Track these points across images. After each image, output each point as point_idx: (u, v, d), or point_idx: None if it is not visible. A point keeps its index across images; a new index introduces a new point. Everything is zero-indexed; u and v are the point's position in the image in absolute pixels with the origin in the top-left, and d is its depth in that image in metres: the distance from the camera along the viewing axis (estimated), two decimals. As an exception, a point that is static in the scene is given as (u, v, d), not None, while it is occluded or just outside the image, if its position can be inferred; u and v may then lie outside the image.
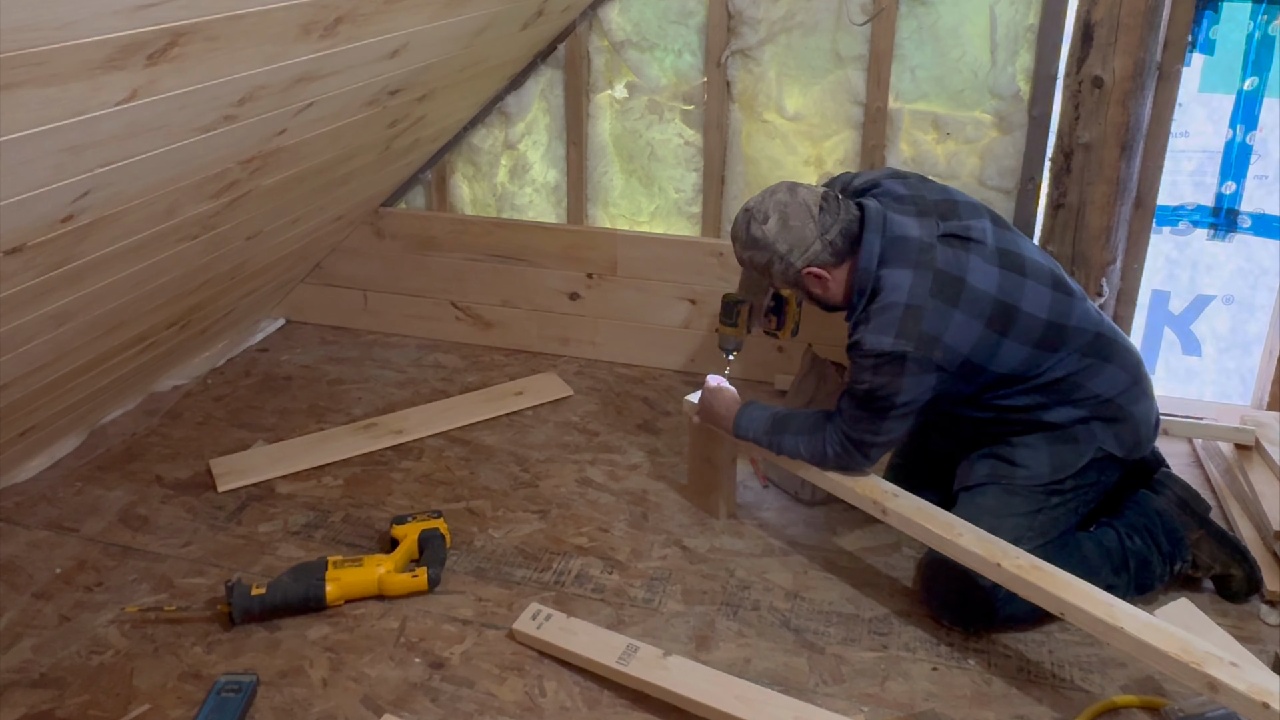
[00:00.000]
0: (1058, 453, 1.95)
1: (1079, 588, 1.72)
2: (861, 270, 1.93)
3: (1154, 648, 1.59)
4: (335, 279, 3.27)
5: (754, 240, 1.97)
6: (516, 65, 2.84)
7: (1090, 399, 1.94)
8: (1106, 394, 1.95)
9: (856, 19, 2.59)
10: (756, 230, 1.96)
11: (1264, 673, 1.76)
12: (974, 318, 1.86)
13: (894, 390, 1.86)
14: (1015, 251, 1.94)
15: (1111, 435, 1.96)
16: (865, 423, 1.93)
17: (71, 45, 1.22)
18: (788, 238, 1.94)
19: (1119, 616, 1.64)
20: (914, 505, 1.93)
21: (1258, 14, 2.40)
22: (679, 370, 3.04)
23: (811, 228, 1.93)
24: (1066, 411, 1.95)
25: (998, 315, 1.87)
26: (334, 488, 2.46)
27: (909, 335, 1.84)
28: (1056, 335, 1.91)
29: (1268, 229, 2.59)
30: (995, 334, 1.87)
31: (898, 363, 1.84)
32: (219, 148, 1.80)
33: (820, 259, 1.94)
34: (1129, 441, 1.98)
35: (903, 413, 1.90)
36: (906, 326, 1.84)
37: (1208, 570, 2.04)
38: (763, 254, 1.97)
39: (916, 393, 1.87)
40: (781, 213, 1.95)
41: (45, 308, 1.83)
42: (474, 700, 1.82)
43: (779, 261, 1.96)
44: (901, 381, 1.85)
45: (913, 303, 1.85)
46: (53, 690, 1.84)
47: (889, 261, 1.90)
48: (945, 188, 2.06)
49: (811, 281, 1.98)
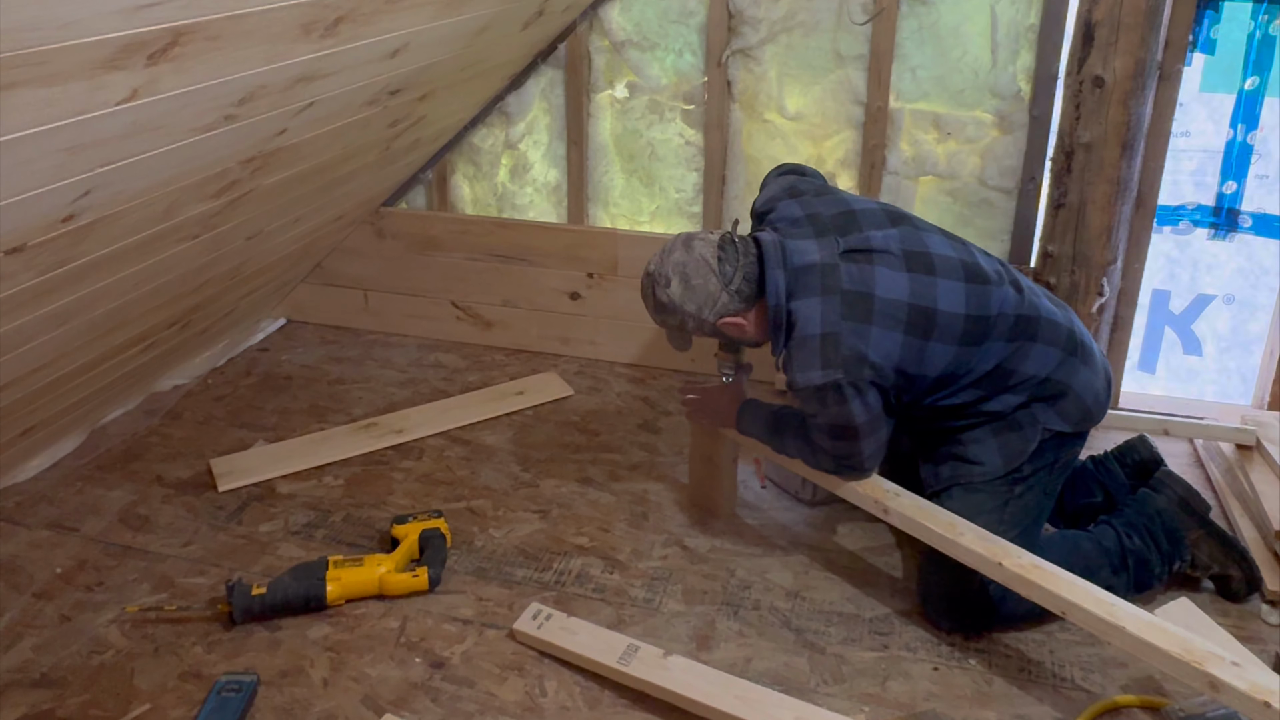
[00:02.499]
0: (1006, 443, 1.95)
1: (1080, 587, 1.71)
2: (773, 308, 1.91)
3: (1155, 647, 1.59)
4: (336, 279, 3.27)
5: (661, 305, 1.98)
6: (517, 65, 2.84)
7: (1025, 382, 1.93)
8: (1040, 373, 1.94)
9: (857, 18, 2.59)
10: (662, 295, 1.96)
11: (1265, 672, 1.76)
12: (891, 329, 1.84)
13: (847, 416, 1.86)
14: (922, 252, 1.91)
15: (1054, 413, 1.95)
16: (843, 448, 1.93)
17: (72, 45, 1.22)
18: (694, 298, 1.93)
19: (1120, 616, 1.64)
20: (915, 504, 1.93)
21: (1258, 13, 2.40)
22: (679, 370, 3.04)
23: (714, 281, 1.92)
24: (1007, 399, 1.94)
25: (915, 321, 1.86)
26: (335, 487, 2.46)
27: (833, 363, 1.82)
28: (979, 327, 1.90)
29: (1268, 229, 2.59)
30: (918, 339, 1.86)
31: (836, 391, 1.84)
32: (219, 147, 1.80)
33: (730, 309, 1.94)
34: (1074, 415, 1.96)
35: (870, 429, 1.89)
36: (828, 355, 1.83)
37: (1206, 570, 2.04)
38: (674, 317, 1.98)
39: (869, 411, 1.86)
40: (682, 273, 1.94)
41: (45, 307, 1.83)
42: (474, 700, 1.82)
43: (692, 320, 1.96)
44: (849, 407, 1.84)
45: (827, 330, 1.83)
46: (53, 690, 1.84)
47: (796, 293, 1.88)
48: (842, 198, 2.02)
49: (730, 329, 1.98)
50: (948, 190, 2.72)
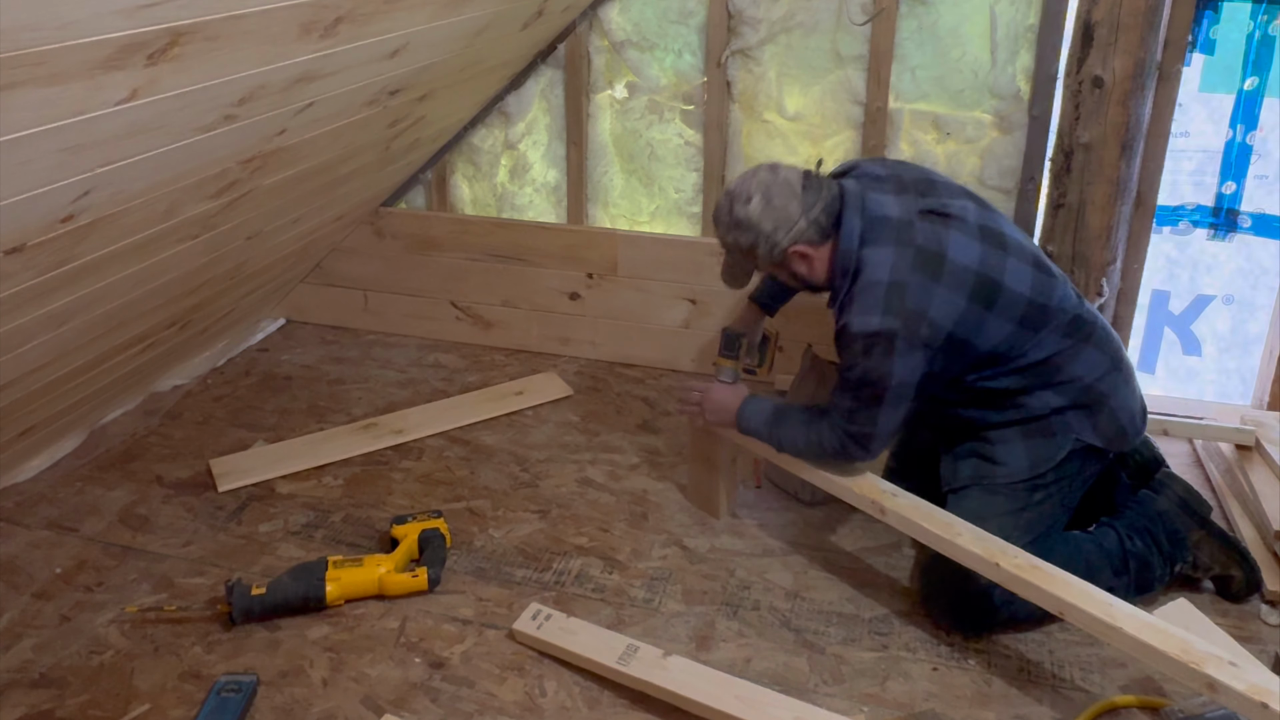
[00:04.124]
0: (1034, 447, 1.95)
1: (1078, 587, 1.71)
2: (843, 251, 1.91)
3: (1153, 648, 1.59)
4: (335, 279, 3.27)
5: (738, 221, 1.94)
6: (516, 65, 2.84)
7: (1069, 383, 1.93)
8: (1086, 378, 1.93)
9: (856, 19, 2.59)
10: (740, 211, 1.93)
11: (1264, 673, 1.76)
12: (957, 292, 1.84)
13: (885, 373, 1.84)
14: (996, 229, 1.93)
15: (1089, 425, 1.94)
16: (861, 413, 1.90)
17: (72, 45, 1.22)
18: (772, 216, 1.91)
19: (1118, 616, 1.64)
20: (912, 505, 1.93)
21: (1258, 14, 2.40)
22: (679, 370, 3.04)
23: (795, 205, 1.91)
24: (1046, 397, 1.93)
25: (980, 289, 1.86)
26: (334, 488, 2.46)
27: (895, 312, 1.82)
28: (1039, 314, 1.90)
29: (1268, 229, 2.59)
30: (979, 308, 1.86)
31: (887, 342, 1.83)
32: (219, 147, 1.80)
33: (805, 236, 1.92)
34: (1108, 431, 1.96)
35: (896, 396, 1.87)
36: (891, 304, 1.83)
37: (1207, 571, 2.04)
38: (747, 235, 1.93)
39: (907, 373, 1.85)
40: (765, 192, 1.91)
41: (45, 307, 1.83)
42: (474, 700, 1.82)
43: (764, 242, 1.93)
44: (892, 362, 1.83)
45: (895, 280, 1.84)
46: (53, 690, 1.84)
47: (869, 241, 1.89)
48: (924, 168, 2.05)
49: (796, 261, 1.95)
50: (947, 190, 2.72)
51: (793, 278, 2.02)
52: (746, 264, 2.04)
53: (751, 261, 2.01)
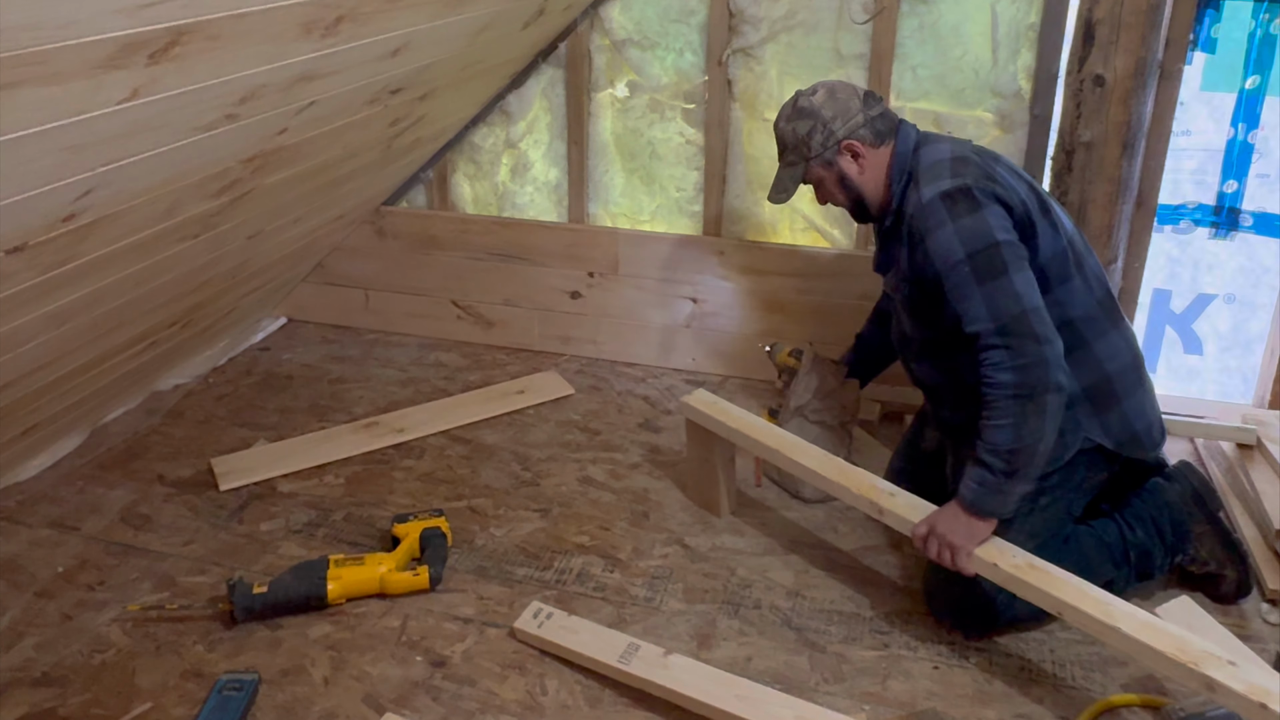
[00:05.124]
0: None
1: (1075, 586, 1.71)
2: (900, 153, 1.97)
3: (1151, 647, 1.59)
4: (336, 278, 3.27)
5: (799, 110, 2.01)
6: (518, 64, 2.84)
7: (1089, 365, 1.91)
8: (1106, 365, 1.92)
9: (858, 17, 2.59)
10: (803, 101, 2.01)
11: (1265, 672, 1.76)
12: (1015, 179, 1.92)
13: (983, 227, 1.80)
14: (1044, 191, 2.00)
15: (1098, 424, 1.93)
16: (998, 296, 1.78)
17: (72, 44, 1.22)
18: (833, 107, 1.98)
19: (1116, 615, 1.64)
20: (910, 504, 1.93)
21: (1259, 12, 2.40)
22: (680, 369, 3.04)
23: (856, 103, 1.99)
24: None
25: (1034, 194, 1.93)
26: (335, 486, 2.47)
27: (961, 175, 1.86)
28: (1081, 254, 1.95)
29: (1269, 228, 2.59)
30: (1036, 205, 1.90)
31: (966, 196, 1.83)
32: (220, 147, 1.80)
33: (861, 134, 1.98)
34: (1119, 433, 1.94)
35: (1014, 256, 1.79)
36: (957, 169, 1.88)
37: (1203, 566, 2.03)
38: (806, 123, 1.99)
39: (1006, 229, 1.82)
40: (830, 87, 2.02)
41: (46, 307, 1.83)
42: (475, 699, 1.82)
43: (821, 130, 1.98)
44: (983, 214, 1.81)
45: (958, 155, 1.91)
46: (55, 689, 1.84)
47: (925, 143, 1.98)
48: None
49: (847, 160, 2.00)
50: (948, 189, 2.72)
51: (840, 183, 2.03)
52: (796, 165, 2.04)
53: (804, 156, 2.02)
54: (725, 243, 2.89)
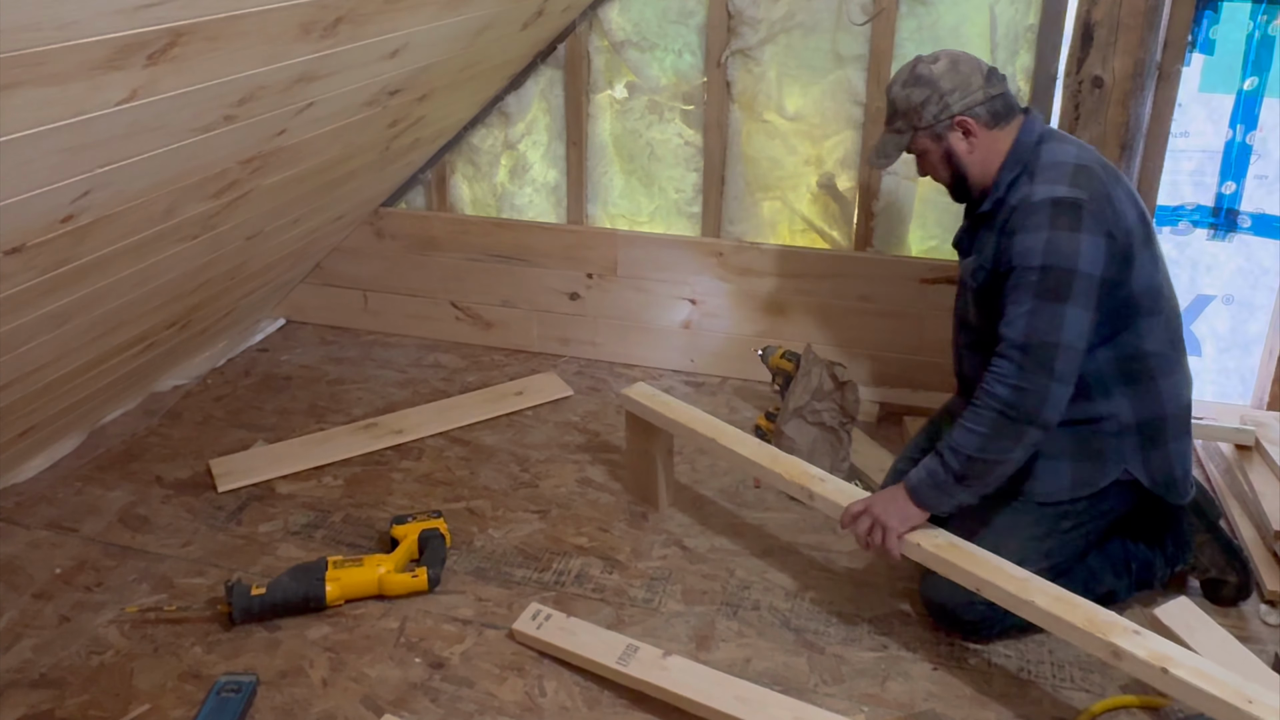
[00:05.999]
0: (1080, 469, 1.89)
1: (994, 564, 1.74)
2: (1021, 142, 1.89)
3: (1061, 619, 1.62)
4: (335, 279, 3.27)
5: (918, 77, 1.91)
6: (516, 65, 2.84)
7: (1150, 401, 1.87)
8: (1166, 404, 1.88)
9: (856, 19, 2.59)
10: (923, 69, 1.91)
11: (1264, 672, 1.76)
12: (1129, 205, 1.84)
13: (1072, 250, 1.74)
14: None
15: (1141, 459, 1.89)
16: (1043, 314, 1.73)
17: (71, 45, 1.22)
18: (954, 79, 1.89)
19: (1030, 591, 1.67)
20: (840, 490, 1.94)
21: (1257, 14, 2.40)
22: (679, 370, 3.04)
23: (979, 79, 1.90)
24: (1119, 403, 1.86)
25: (1143, 220, 1.86)
26: (334, 488, 2.46)
27: (1082, 187, 1.78)
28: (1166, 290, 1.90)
29: (1268, 229, 2.59)
30: (1142, 233, 1.84)
31: (1074, 211, 1.76)
32: (219, 148, 1.80)
33: (977, 112, 1.89)
34: (1158, 473, 1.90)
35: (1083, 293, 1.74)
36: (1078, 179, 1.79)
37: (1204, 573, 2.03)
38: (922, 91, 1.90)
39: (1094, 261, 1.74)
40: (953, 57, 1.92)
41: (45, 308, 1.83)
42: (474, 700, 1.82)
43: (935, 102, 1.89)
44: (1079, 239, 1.74)
45: (1081, 164, 1.83)
46: (53, 690, 1.83)
47: (1049, 139, 1.90)
48: None
49: (958, 136, 1.91)
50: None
51: (945, 159, 1.95)
52: (904, 132, 1.96)
53: (913, 125, 1.94)
54: (724, 244, 2.89)
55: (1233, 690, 1.46)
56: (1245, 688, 1.47)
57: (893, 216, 2.76)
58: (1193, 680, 1.49)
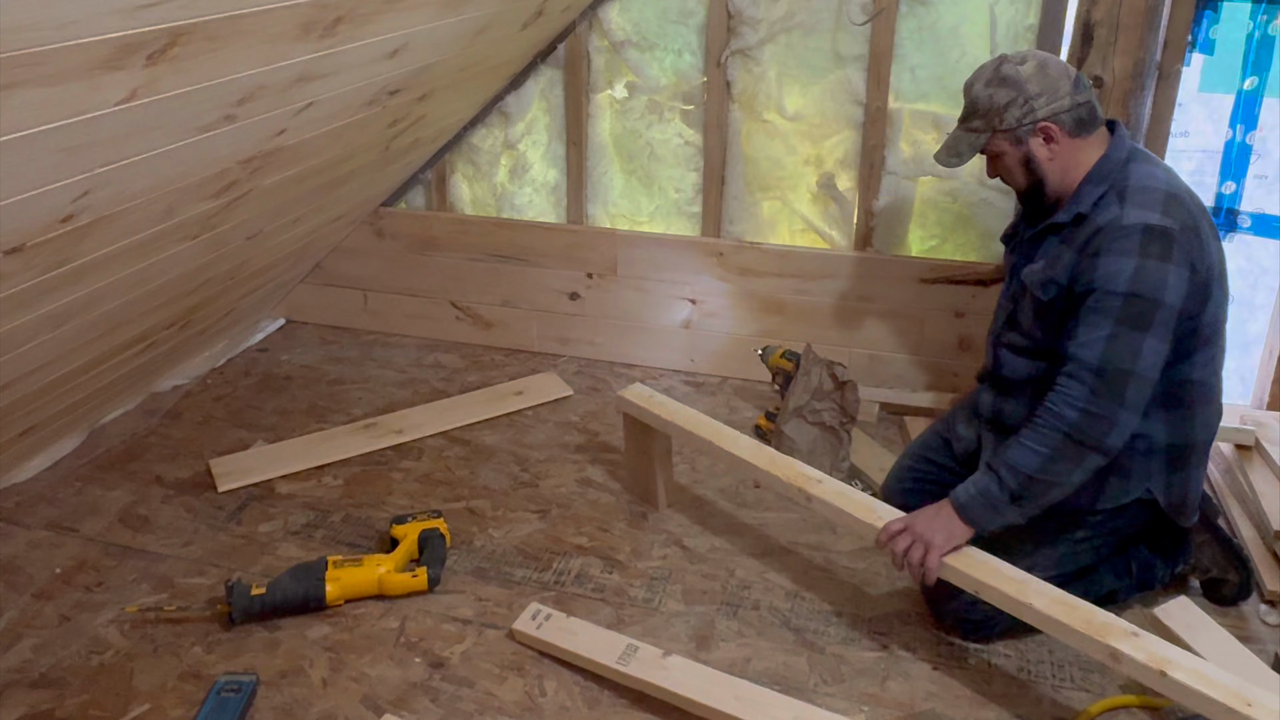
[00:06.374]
0: (1107, 483, 1.87)
1: (992, 566, 1.74)
2: (1110, 158, 1.83)
3: (1061, 622, 1.62)
4: (335, 279, 3.27)
5: (1003, 78, 1.84)
6: (516, 65, 2.84)
7: (1184, 426, 1.86)
8: (1198, 431, 1.88)
9: (856, 19, 2.59)
10: (1009, 69, 1.84)
11: (1264, 672, 1.76)
12: (1212, 238, 1.80)
13: (1160, 280, 1.69)
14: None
15: (1163, 481, 1.88)
16: (1122, 341, 1.70)
17: (71, 45, 1.22)
18: (1041, 82, 1.82)
19: (1029, 594, 1.67)
20: (837, 491, 1.94)
21: (1257, 14, 2.40)
22: (679, 370, 3.04)
23: (1066, 84, 1.83)
24: (1155, 428, 1.84)
25: (1220, 258, 1.82)
26: (334, 488, 2.46)
27: (1173, 216, 1.73)
28: (1223, 330, 1.88)
29: (1267, 229, 2.59)
30: (1218, 270, 1.81)
31: (1165, 240, 1.70)
32: (219, 147, 1.80)
33: (1061, 116, 1.82)
34: (1175, 495, 1.90)
35: (1163, 324, 1.70)
36: (1170, 209, 1.74)
37: (1205, 573, 2.03)
38: (1005, 92, 1.83)
39: (1178, 293, 1.71)
40: (1042, 60, 1.85)
41: (45, 308, 1.83)
42: (474, 700, 1.82)
43: (1020, 105, 1.82)
44: (1168, 270, 1.69)
45: (1172, 191, 1.77)
46: (53, 690, 1.84)
47: (1137, 159, 1.84)
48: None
49: (1039, 142, 1.84)
50: (947, 190, 2.72)
51: (1023, 163, 1.88)
52: (981, 132, 1.89)
53: (992, 126, 1.87)
54: (724, 244, 2.89)
55: (1232, 693, 1.46)
56: (1245, 690, 1.46)
57: (893, 216, 2.76)
58: (1192, 683, 1.48)
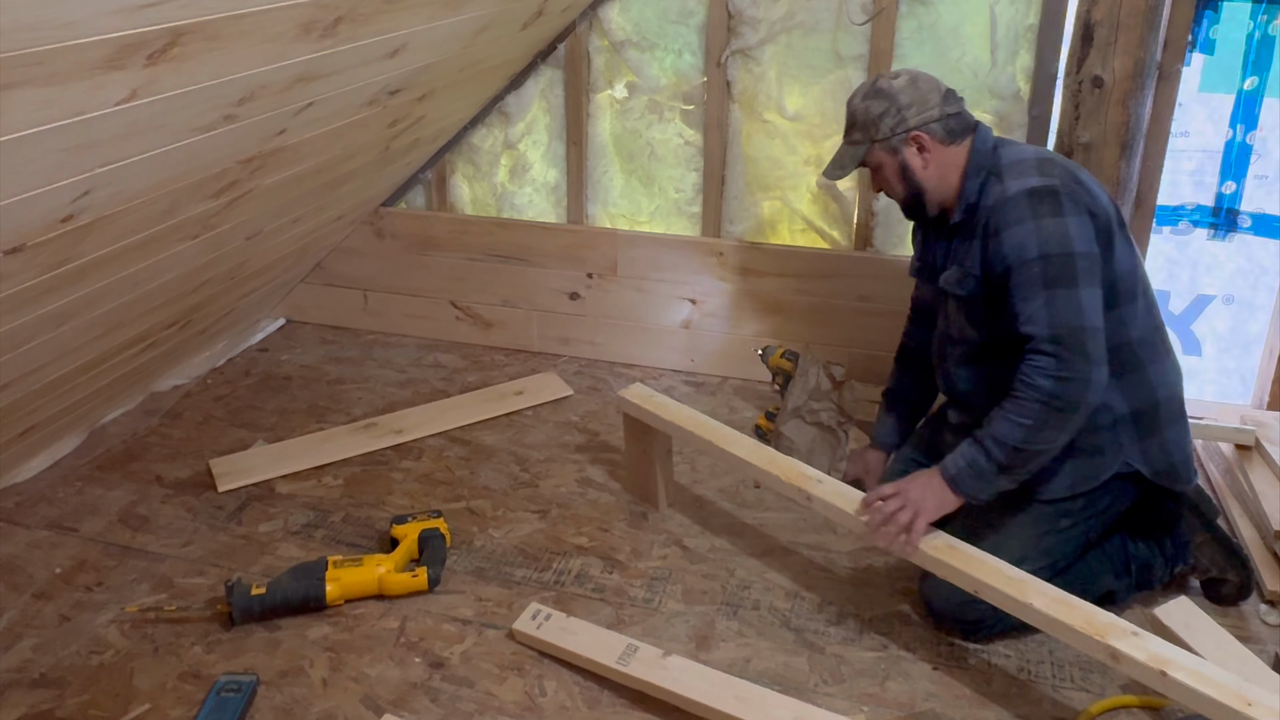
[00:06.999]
0: (1079, 466, 1.89)
1: (992, 565, 1.74)
2: (978, 150, 1.94)
3: (1060, 621, 1.62)
4: (335, 279, 3.27)
5: (878, 90, 1.98)
6: (516, 65, 2.84)
7: (1141, 389, 1.89)
8: (1157, 390, 1.90)
9: (856, 19, 2.59)
10: (884, 83, 1.98)
11: (1264, 672, 1.76)
12: (1098, 188, 1.88)
13: (1063, 233, 1.77)
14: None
15: (1139, 449, 1.90)
16: (1060, 300, 1.76)
17: (71, 45, 1.22)
18: (913, 94, 1.95)
19: (1029, 593, 1.67)
20: (837, 490, 1.94)
21: (1258, 14, 2.40)
22: (679, 370, 3.04)
23: (936, 97, 1.96)
24: (1113, 396, 1.86)
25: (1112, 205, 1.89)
26: (334, 487, 2.46)
27: (1050, 174, 1.83)
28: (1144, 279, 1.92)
29: (1268, 229, 2.59)
30: (1115, 216, 1.87)
31: (1052, 197, 1.80)
32: (219, 147, 1.80)
33: (932, 128, 1.94)
34: (1157, 461, 1.91)
35: (1088, 270, 1.77)
36: (1045, 168, 1.85)
37: (1205, 573, 2.03)
38: (880, 104, 1.96)
39: (1086, 239, 1.78)
40: (914, 75, 1.99)
41: (45, 308, 1.83)
42: (474, 700, 1.82)
43: (892, 116, 1.94)
44: (1066, 221, 1.78)
45: (1043, 156, 1.90)
46: (53, 690, 1.84)
47: (1004, 145, 1.96)
48: None
49: (913, 151, 1.96)
50: (947, 190, 2.72)
51: (900, 173, 1.99)
52: (860, 144, 2.00)
53: (870, 137, 1.98)
54: (724, 244, 2.89)
55: (1232, 693, 1.46)
56: (1245, 690, 1.46)
57: (893, 216, 2.76)
58: (1192, 683, 1.48)
